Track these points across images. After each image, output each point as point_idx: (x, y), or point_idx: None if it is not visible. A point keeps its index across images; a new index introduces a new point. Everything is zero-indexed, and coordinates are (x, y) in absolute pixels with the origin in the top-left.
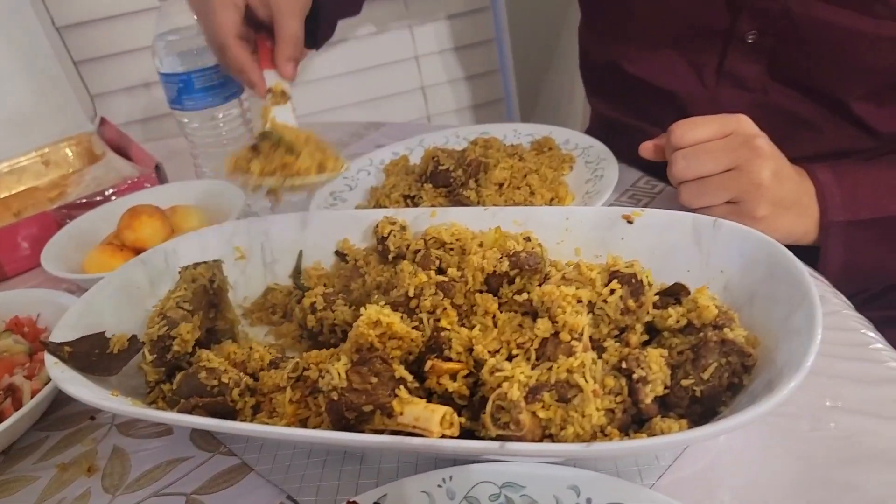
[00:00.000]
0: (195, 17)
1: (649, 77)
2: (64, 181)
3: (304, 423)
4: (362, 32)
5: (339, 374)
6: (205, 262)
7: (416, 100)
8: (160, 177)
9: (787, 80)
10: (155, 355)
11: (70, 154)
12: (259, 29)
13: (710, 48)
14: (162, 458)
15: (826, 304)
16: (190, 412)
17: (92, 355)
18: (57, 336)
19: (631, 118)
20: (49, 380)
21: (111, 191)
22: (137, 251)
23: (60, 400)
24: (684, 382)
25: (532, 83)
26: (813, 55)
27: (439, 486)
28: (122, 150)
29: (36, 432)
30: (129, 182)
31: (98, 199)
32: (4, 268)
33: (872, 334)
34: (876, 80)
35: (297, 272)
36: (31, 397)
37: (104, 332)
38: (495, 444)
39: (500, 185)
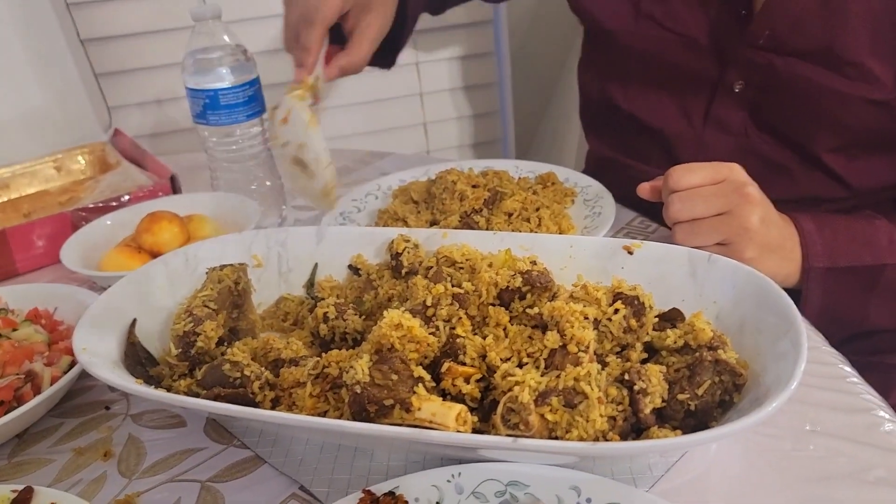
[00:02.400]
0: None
1: (641, 115)
2: (74, 187)
3: (322, 417)
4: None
5: (362, 370)
6: (231, 265)
7: (418, 135)
8: (174, 187)
9: (767, 128)
10: (180, 349)
11: (83, 161)
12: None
13: (698, 94)
14: (176, 447)
15: (807, 339)
16: (213, 401)
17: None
18: (82, 325)
19: (622, 155)
20: (68, 368)
21: (127, 197)
22: (154, 255)
23: (76, 389)
24: (680, 397)
25: (529, 126)
26: (791, 107)
27: (448, 480)
28: (136, 161)
29: (51, 418)
30: (146, 190)
31: (113, 204)
32: (17, 265)
33: (848, 369)
34: (846, 135)
35: (310, 283)
36: (51, 384)
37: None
38: (508, 440)
39: (510, 215)
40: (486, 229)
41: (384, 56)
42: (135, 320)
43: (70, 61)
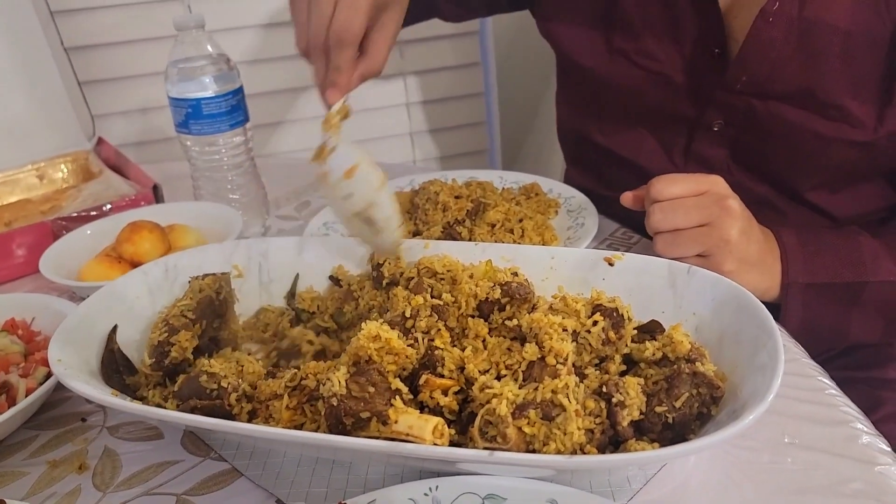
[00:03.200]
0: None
1: (620, 151)
2: (57, 196)
3: (299, 429)
4: None
5: (339, 382)
6: (213, 274)
7: (405, 144)
8: (157, 197)
9: (748, 165)
10: (154, 359)
11: (65, 170)
12: None
13: (678, 131)
14: (152, 460)
15: (786, 352)
16: (189, 413)
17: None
18: (58, 336)
19: (602, 189)
20: (44, 380)
21: (109, 206)
22: (135, 264)
23: (52, 401)
24: (658, 409)
25: (516, 136)
26: (771, 147)
27: (426, 494)
28: (119, 170)
29: (26, 430)
30: (127, 200)
31: (94, 213)
32: None
33: (827, 381)
34: (827, 173)
35: (291, 294)
36: (26, 395)
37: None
38: (485, 453)
39: (493, 226)
40: (469, 240)
41: None
42: (115, 327)
43: (54, 69)
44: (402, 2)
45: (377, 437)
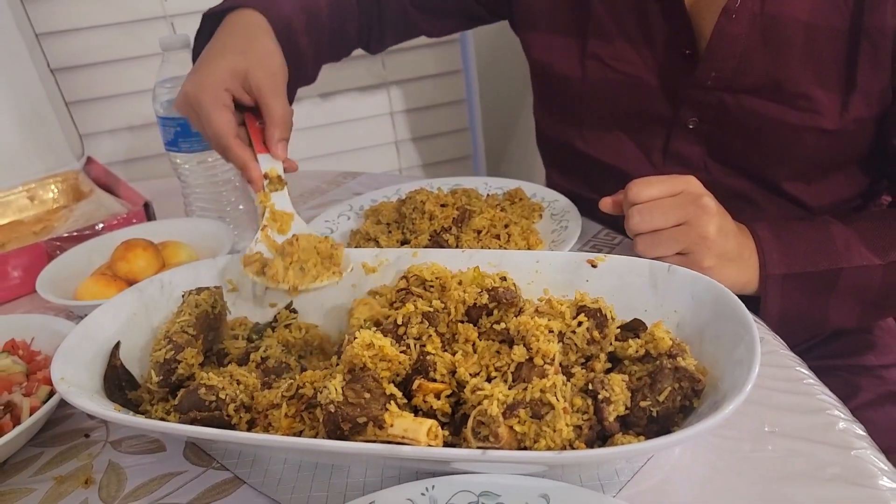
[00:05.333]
0: (188, 120)
1: (600, 156)
2: (48, 216)
3: (299, 436)
4: (341, 88)
5: (335, 390)
6: (207, 289)
7: (390, 153)
8: (149, 214)
9: (725, 161)
10: (161, 377)
11: (56, 190)
12: (242, 108)
13: (655, 132)
14: (156, 472)
15: (765, 344)
16: (190, 425)
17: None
18: (59, 355)
19: (585, 191)
20: (47, 398)
21: (101, 225)
22: (130, 282)
23: (55, 419)
24: (643, 404)
25: (499, 142)
26: (745, 141)
27: (423, 494)
28: (109, 189)
29: (31, 448)
30: (119, 218)
31: (87, 232)
32: None
33: (805, 371)
34: (801, 164)
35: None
36: (30, 414)
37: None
38: (477, 452)
39: (479, 232)
40: (456, 247)
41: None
42: (118, 343)
43: (41, 91)
44: (256, 50)
45: (374, 441)
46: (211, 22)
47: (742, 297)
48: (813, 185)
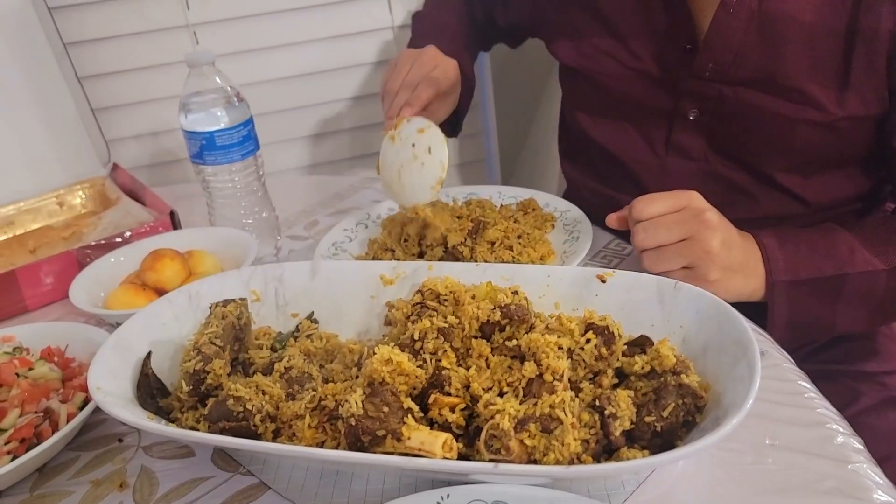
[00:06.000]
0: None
1: (607, 145)
2: (76, 222)
3: (320, 447)
4: (359, 94)
5: (356, 403)
6: (233, 300)
7: None
8: (174, 223)
9: (724, 152)
10: (191, 386)
11: (83, 196)
12: None
13: (658, 123)
14: (186, 476)
15: (769, 357)
16: (219, 434)
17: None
18: (96, 365)
19: (594, 181)
20: (82, 404)
21: (129, 233)
22: (158, 291)
23: (90, 424)
24: (647, 419)
25: (513, 146)
26: (743, 132)
27: (438, 502)
28: (135, 195)
29: (68, 452)
30: (146, 227)
31: (117, 240)
32: (26, 301)
33: (807, 385)
34: (797, 156)
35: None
36: (67, 420)
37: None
38: (490, 465)
39: (492, 244)
40: (470, 259)
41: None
42: (150, 353)
43: (69, 99)
44: (457, 93)
45: (392, 453)
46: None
47: (750, 305)
48: (810, 179)
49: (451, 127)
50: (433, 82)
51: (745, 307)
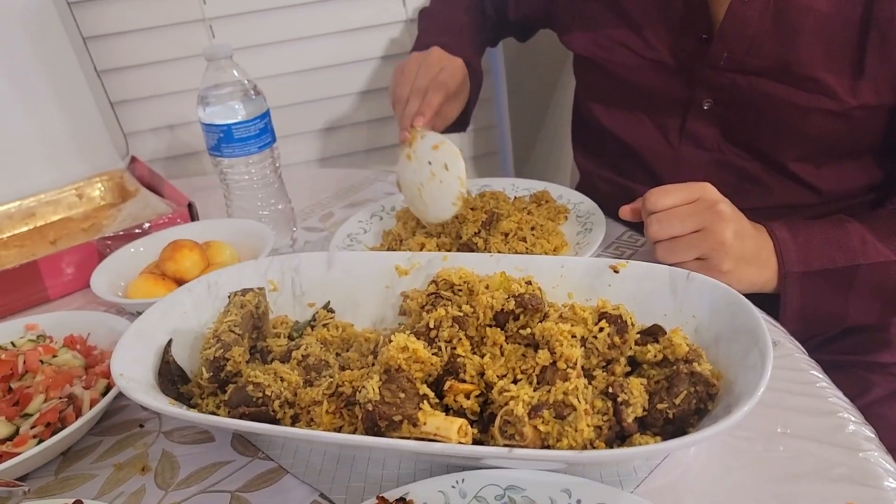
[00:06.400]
0: (421, 63)
1: (621, 134)
2: (96, 213)
3: (339, 432)
4: (372, 87)
5: (373, 389)
6: (251, 290)
7: None
8: (192, 214)
9: (737, 141)
10: (211, 373)
11: (102, 189)
12: None
13: (672, 112)
14: (206, 461)
15: (781, 348)
16: (239, 419)
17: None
18: (118, 352)
19: (608, 171)
20: (105, 390)
21: (148, 225)
22: (178, 281)
23: (112, 410)
24: (660, 406)
25: (527, 138)
26: (756, 122)
27: (453, 486)
28: (153, 188)
29: (91, 437)
30: (165, 218)
31: (137, 231)
32: (48, 291)
33: (819, 374)
34: (810, 145)
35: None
36: (90, 406)
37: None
38: (504, 450)
39: (506, 235)
40: (484, 250)
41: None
42: (171, 340)
43: (88, 92)
44: (467, 92)
45: (408, 438)
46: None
47: (762, 296)
48: (823, 169)
49: (460, 122)
50: (441, 87)
51: (757, 299)
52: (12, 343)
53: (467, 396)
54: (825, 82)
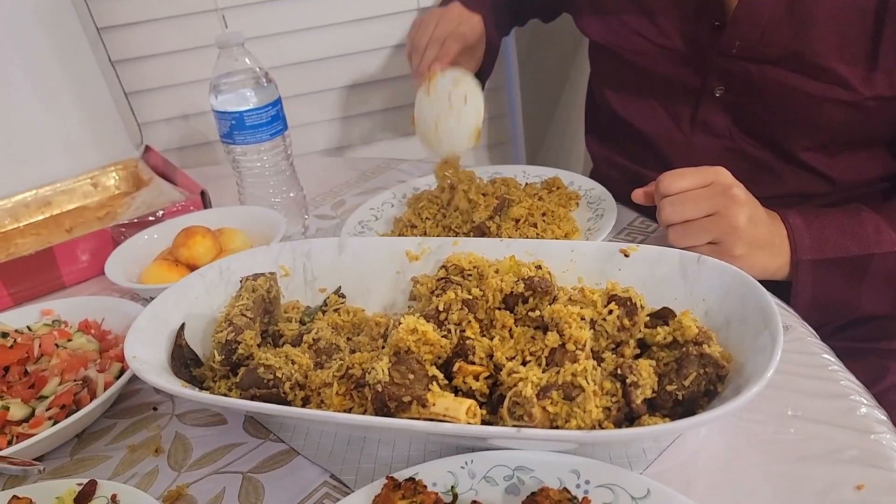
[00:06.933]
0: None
1: (634, 121)
2: (111, 202)
3: (349, 413)
4: (381, 77)
5: (382, 371)
6: (263, 275)
7: None
8: (205, 202)
9: (748, 130)
10: (223, 356)
11: (117, 178)
12: None
13: (685, 100)
14: (219, 443)
15: (793, 331)
16: (250, 401)
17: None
18: (132, 335)
19: (620, 158)
20: (119, 373)
21: (161, 212)
22: (190, 267)
23: (126, 393)
24: (669, 388)
25: (539, 126)
26: (768, 110)
27: (462, 467)
28: (166, 177)
29: (105, 419)
30: (178, 206)
31: (150, 219)
32: (63, 278)
33: (831, 358)
34: (822, 135)
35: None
36: (105, 389)
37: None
38: (513, 430)
39: (517, 221)
40: (496, 235)
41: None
42: (183, 324)
43: (102, 83)
44: (482, 49)
45: (418, 419)
46: None
47: (774, 283)
48: (836, 158)
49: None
50: (460, 37)
51: (769, 286)
52: (28, 328)
53: (476, 378)
54: (839, 72)
